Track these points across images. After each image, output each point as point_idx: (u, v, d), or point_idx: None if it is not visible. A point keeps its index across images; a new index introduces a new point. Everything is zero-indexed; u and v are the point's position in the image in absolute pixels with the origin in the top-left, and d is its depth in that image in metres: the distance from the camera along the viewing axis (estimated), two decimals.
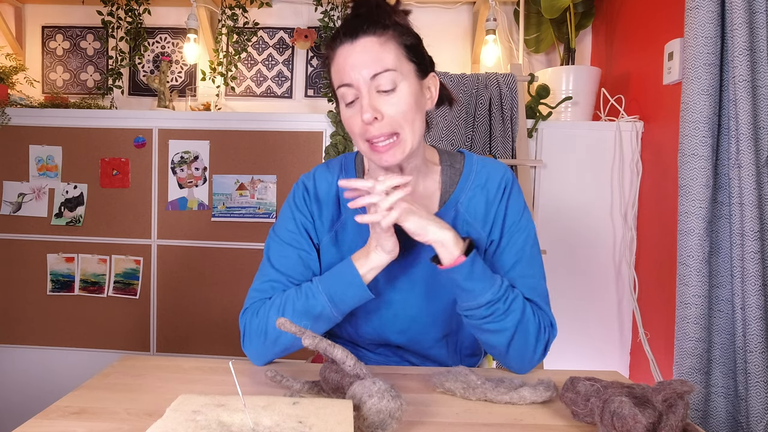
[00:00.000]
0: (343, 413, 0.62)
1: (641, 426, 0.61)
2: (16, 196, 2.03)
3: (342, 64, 0.83)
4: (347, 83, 0.83)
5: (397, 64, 0.82)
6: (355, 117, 0.84)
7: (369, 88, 0.82)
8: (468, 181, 0.92)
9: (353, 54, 0.82)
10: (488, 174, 0.92)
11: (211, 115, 2.02)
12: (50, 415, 0.71)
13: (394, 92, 0.82)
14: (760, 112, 1.25)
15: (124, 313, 2.03)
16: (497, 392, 0.78)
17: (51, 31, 2.51)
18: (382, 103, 0.82)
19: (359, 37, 0.82)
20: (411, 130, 0.84)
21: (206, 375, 0.88)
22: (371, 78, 0.81)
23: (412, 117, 0.84)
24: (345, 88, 0.83)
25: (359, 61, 0.81)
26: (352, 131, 0.86)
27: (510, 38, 2.40)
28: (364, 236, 0.89)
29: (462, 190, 0.91)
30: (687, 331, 1.30)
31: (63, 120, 2.01)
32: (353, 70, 0.81)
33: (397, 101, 0.82)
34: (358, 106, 0.83)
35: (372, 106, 0.81)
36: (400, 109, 0.82)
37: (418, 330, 0.95)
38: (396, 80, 0.82)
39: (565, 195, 1.94)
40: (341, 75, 0.83)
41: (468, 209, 0.91)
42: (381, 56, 0.81)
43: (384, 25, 0.83)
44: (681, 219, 1.33)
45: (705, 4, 1.27)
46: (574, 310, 1.94)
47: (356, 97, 0.83)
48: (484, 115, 1.89)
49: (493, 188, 0.91)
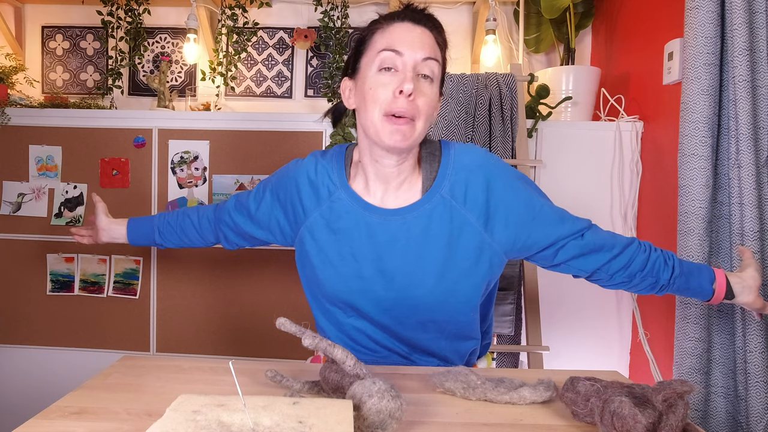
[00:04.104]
0: (343, 413, 0.62)
1: (641, 426, 0.61)
2: (15, 196, 2.03)
3: (399, 35, 0.87)
4: (398, 50, 0.86)
5: (439, 66, 0.90)
6: (387, 86, 0.86)
7: (414, 68, 0.86)
8: (448, 168, 0.93)
9: (413, 33, 0.87)
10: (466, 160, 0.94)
11: (211, 115, 2.02)
12: (50, 415, 0.71)
13: (432, 82, 0.88)
14: (760, 112, 1.25)
15: (124, 313, 2.02)
16: (497, 392, 0.78)
17: (51, 31, 2.51)
18: (418, 85, 0.87)
19: (420, 25, 0.89)
20: (424, 124, 0.88)
21: (206, 375, 0.88)
22: (422, 60, 0.86)
23: (429, 112, 0.88)
24: (392, 54, 0.86)
25: (418, 42, 0.87)
26: (375, 98, 0.86)
27: (510, 38, 2.40)
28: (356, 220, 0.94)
29: (444, 177, 0.93)
30: (687, 331, 1.30)
31: (63, 120, 2.01)
32: (411, 45, 0.86)
33: (429, 91, 0.88)
34: (395, 76, 0.86)
35: (414, 82, 0.85)
36: (428, 100, 0.88)
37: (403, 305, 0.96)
38: (435, 73, 0.89)
39: (565, 195, 1.94)
40: (393, 41, 0.86)
41: (452, 193, 0.92)
42: (434, 48, 0.89)
43: (440, 32, 0.92)
44: (681, 219, 1.33)
45: (705, 4, 1.27)
46: (574, 310, 1.94)
47: (394, 68, 0.86)
48: (484, 115, 1.89)
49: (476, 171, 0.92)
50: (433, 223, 0.91)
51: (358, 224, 0.94)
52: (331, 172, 0.97)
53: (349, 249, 0.95)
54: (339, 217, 0.95)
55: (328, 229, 0.96)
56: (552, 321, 1.94)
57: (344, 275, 0.95)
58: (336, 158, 0.98)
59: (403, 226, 0.92)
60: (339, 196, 0.95)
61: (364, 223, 0.93)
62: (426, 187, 0.93)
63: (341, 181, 0.96)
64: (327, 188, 0.96)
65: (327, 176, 0.97)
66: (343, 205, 0.95)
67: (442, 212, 0.91)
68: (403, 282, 0.93)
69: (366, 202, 0.94)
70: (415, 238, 0.92)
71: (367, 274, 0.94)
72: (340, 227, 0.95)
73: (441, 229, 0.91)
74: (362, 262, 0.94)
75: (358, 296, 0.96)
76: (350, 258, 0.95)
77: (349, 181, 0.97)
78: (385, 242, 0.93)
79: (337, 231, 0.95)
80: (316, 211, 0.97)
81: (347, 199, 0.95)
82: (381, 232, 0.93)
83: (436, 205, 0.92)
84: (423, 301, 0.94)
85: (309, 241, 0.98)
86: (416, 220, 0.92)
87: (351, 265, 0.95)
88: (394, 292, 0.94)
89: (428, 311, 0.95)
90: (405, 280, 0.93)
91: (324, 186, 0.97)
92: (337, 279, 0.96)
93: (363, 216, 0.94)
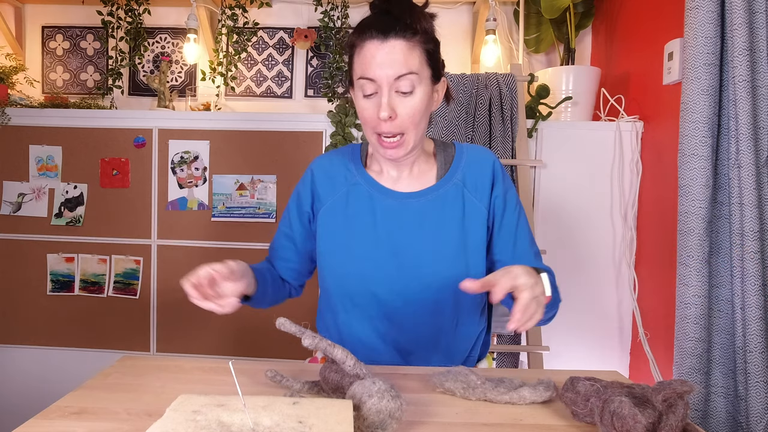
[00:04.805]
0: (343, 413, 0.62)
1: (641, 426, 0.61)
2: (16, 196, 2.03)
3: (369, 59, 0.88)
4: (370, 78, 0.89)
5: (419, 68, 0.89)
6: (370, 110, 0.91)
7: (390, 88, 0.88)
8: (461, 160, 1.02)
9: (381, 52, 0.87)
10: (478, 154, 1.03)
11: (211, 115, 2.02)
12: (50, 415, 0.71)
13: (411, 95, 0.90)
14: (760, 112, 1.25)
15: (124, 313, 2.02)
16: (497, 392, 0.78)
17: (51, 31, 2.51)
18: (398, 103, 0.89)
19: (389, 37, 0.87)
20: (415, 132, 0.92)
21: (206, 375, 0.88)
22: (395, 79, 0.88)
23: (419, 119, 0.92)
24: (366, 81, 0.90)
25: (387, 61, 0.87)
26: (365, 121, 0.94)
27: (510, 38, 2.40)
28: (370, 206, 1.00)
29: (457, 167, 1.01)
30: (687, 331, 1.30)
31: (63, 120, 2.01)
32: (379, 68, 0.87)
33: (411, 104, 0.90)
34: (376, 100, 0.90)
35: (390, 105, 0.88)
36: (412, 112, 0.90)
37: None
38: (415, 84, 0.89)
39: (564, 195, 1.94)
40: (366, 68, 0.89)
41: (464, 182, 1.00)
42: (407, 60, 0.88)
43: (414, 30, 0.88)
44: (681, 219, 1.33)
45: (705, 4, 1.27)
46: (574, 310, 1.94)
47: (375, 92, 0.90)
48: (484, 115, 1.89)
49: (486, 164, 1.01)
50: (447, 205, 0.99)
51: (373, 207, 1.00)
52: (347, 161, 1.05)
53: (363, 231, 0.99)
54: (355, 200, 1.01)
55: (343, 214, 1.01)
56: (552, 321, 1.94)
57: (357, 257, 0.99)
58: (352, 148, 1.07)
59: (420, 208, 0.99)
60: (356, 181, 1.02)
61: (381, 206, 0.99)
62: (441, 174, 1.01)
63: (358, 167, 1.03)
64: (343, 175, 1.03)
65: (343, 165, 1.04)
66: (361, 190, 1.01)
67: (455, 196, 0.99)
68: (417, 261, 0.97)
69: (382, 186, 1.01)
70: (431, 219, 0.98)
71: (381, 255, 0.98)
72: (356, 211, 1.00)
73: (454, 212, 0.99)
74: (376, 243, 0.98)
75: (370, 279, 0.98)
76: (364, 240, 0.99)
77: (365, 168, 1.04)
78: (400, 223, 0.98)
79: (352, 215, 1.00)
80: (332, 197, 1.03)
81: (364, 184, 1.01)
82: (397, 214, 0.99)
83: (449, 190, 0.99)
84: (437, 278, 0.97)
85: (325, 225, 1.02)
86: (431, 202, 0.99)
87: (364, 247, 0.98)
88: (407, 270, 0.97)
89: (440, 290, 0.98)
90: (419, 259, 0.97)
91: (340, 174, 1.03)
92: (351, 261, 0.99)
93: (380, 199, 1.00)
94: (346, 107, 1.92)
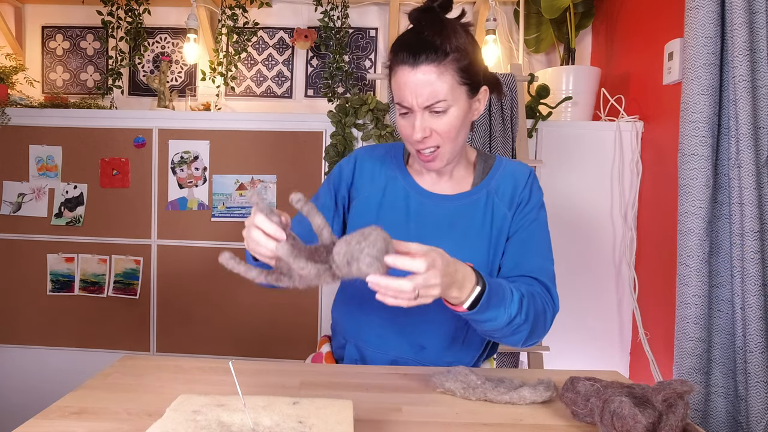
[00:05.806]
0: (343, 413, 0.62)
1: (641, 426, 0.61)
2: (16, 196, 2.03)
3: (402, 86, 0.91)
4: (405, 105, 0.92)
5: (449, 93, 0.90)
6: (407, 129, 0.95)
7: (422, 112, 0.91)
8: (498, 171, 1.06)
9: (412, 79, 0.89)
10: (516, 167, 1.07)
11: (211, 115, 2.02)
12: (50, 415, 0.71)
13: (445, 114, 0.92)
14: (760, 112, 1.25)
15: (124, 313, 2.02)
16: (497, 392, 0.79)
17: (51, 31, 2.51)
18: (432, 122, 0.92)
19: (419, 62, 0.88)
20: (453, 145, 0.96)
21: (206, 375, 0.88)
22: (425, 107, 0.91)
23: (456, 134, 0.94)
24: (401, 106, 0.93)
25: (417, 90, 0.89)
26: (403, 137, 0.98)
27: (510, 38, 2.40)
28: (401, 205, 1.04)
29: (492, 177, 1.05)
30: (687, 331, 1.30)
31: (63, 120, 2.01)
32: (411, 96, 0.90)
33: (446, 121, 0.92)
34: (411, 119, 0.93)
35: (423, 127, 0.92)
36: (447, 128, 0.92)
37: None
38: (448, 105, 0.91)
39: (565, 195, 1.94)
40: (399, 94, 0.92)
41: (497, 191, 1.04)
42: (436, 88, 0.89)
43: (445, 52, 0.88)
44: (681, 219, 1.33)
45: (705, 4, 1.27)
46: (575, 310, 1.94)
47: (409, 112, 0.93)
48: (484, 115, 1.89)
49: (521, 178, 1.05)
50: (478, 210, 1.02)
51: (408, 204, 1.03)
52: (390, 157, 1.09)
53: (395, 225, 1.02)
54: (392, 194, 1.04)
55: (378, 206, 1.04)
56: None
57: None
58: (395, 145, 1.12)
59: (452, 210, 1.02)
60: (395, 176, 1.06)
61: (415, 203, 1.03)
62: (476, 182, 1.05)
63: (399, 164, 1.07)
64: (384, 169, 1.07)
65: (386, 159, 1.08)
66: (398, 185, 1.05)
67: (486, 203, 1.03)
68: None
69: (419, 185, 1.04)
70: (461, 222, 1.01)
71: None
72: (391, 205, 1.04)
73: (485, 217, 1.02)
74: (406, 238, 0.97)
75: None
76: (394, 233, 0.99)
77: (406, 166, 1.08)
78: (431, 222, 1.02)
79: (387, 208, 1.04)
80: (370, 187, 1.06)
81: (402, 180, 1.05)
82: (429, 213, 1.02)
83: (481, 197, 1.03)
84: None
85: (359, 215, 1.05)
86: (464, 207, 1.02)
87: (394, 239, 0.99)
88: None
89: None
90: None
91: (382, 167, 1.07)
92: None
93: (415, 197, 1.03)
94: (346, 107, 1.92)
